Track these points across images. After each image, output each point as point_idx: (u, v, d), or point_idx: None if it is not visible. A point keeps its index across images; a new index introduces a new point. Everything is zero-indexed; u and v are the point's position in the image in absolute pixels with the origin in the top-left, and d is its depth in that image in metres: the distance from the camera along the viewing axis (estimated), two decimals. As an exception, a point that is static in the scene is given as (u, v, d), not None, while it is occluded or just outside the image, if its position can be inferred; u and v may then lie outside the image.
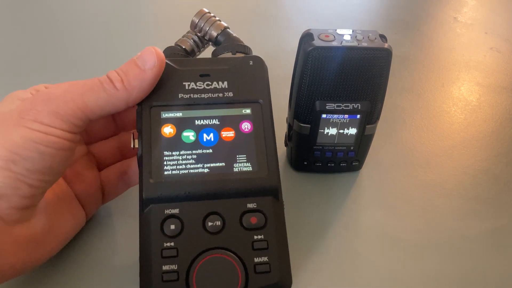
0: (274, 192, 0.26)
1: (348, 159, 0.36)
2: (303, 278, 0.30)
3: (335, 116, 0.32)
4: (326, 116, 0.32)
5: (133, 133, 0.27)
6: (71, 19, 0.60)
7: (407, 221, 0.34)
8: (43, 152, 0.23)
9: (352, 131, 0.33)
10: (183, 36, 0.37)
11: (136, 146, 0.27)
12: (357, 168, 0.37)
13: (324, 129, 0.33)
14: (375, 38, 0.31)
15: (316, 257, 0.31)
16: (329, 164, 0.36)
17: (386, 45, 0.30)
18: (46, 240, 0.26)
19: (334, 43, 0.30)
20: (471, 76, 0.52)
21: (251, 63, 0.29)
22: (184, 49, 0.36)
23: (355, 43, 0.30)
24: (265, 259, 0.25)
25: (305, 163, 0.36)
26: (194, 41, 0.37)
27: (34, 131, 0.23)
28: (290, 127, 0.35)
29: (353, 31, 0.31)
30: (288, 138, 0.36)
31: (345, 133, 0.34)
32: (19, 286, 0.28)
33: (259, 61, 0.29)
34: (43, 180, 0.24)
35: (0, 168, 0.22)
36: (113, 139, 0.32)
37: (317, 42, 0.30)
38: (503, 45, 0.58)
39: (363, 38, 0.31)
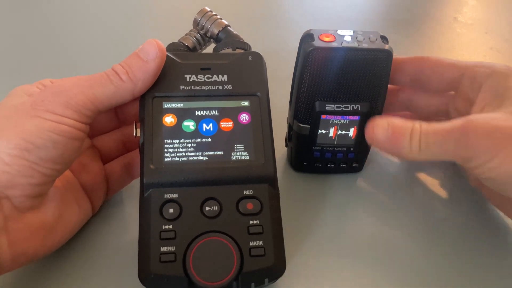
0: (270, 180, 0.27)
1: (348, 160, 0.36)
2: (302, 280, 0.30)
3: (335, 117, 0.32)
4: (326, 117, 0.32)
5: (135, 123, 0.29)
6: (74, 19, 0.60)
7: (407, 222, 0.34)
8: (56, 140, 0.24)
9: (352, 132, 0.33)
10: (186, 34, 0.38)
11: (138, 134, 0.28)
12: (357, 169, 0.37)
13: (323, 130, 0.33)
14: (376, 39, 0.31)
15: (314, 257, 0.31)
16: (329, 165, 0.36)
17: (386, 46, 0.30)
18: (56, 228, 0.27)
19: (335, 44, 0.30)
20: (471, 77, 0.52)
21: (250, 58, 0.30)
22: (187, 46, 0.37)
23: (355, 44, 0.30)
24: (260, 243, 0.26)
25: (305, 163, 0.36)
26: (196, 38, 0.38)
27: (47, 121, 0.24)
28: (290, 128, 0.35)
29: (354, 32, 0.31)
30: (288, 138, 0.36)
31: (344, 134, 0.34)
32: (29, 274, 0.29)
33: (257, 57, 0.30)
34: (55, 168, 0.25)
35: (15, 156, 0.23)
36: (115, 133, 0.33)
37: (317, 43, 0.30)
38: (503, 45, 0.58)
39: (363, 39, 0.31)
